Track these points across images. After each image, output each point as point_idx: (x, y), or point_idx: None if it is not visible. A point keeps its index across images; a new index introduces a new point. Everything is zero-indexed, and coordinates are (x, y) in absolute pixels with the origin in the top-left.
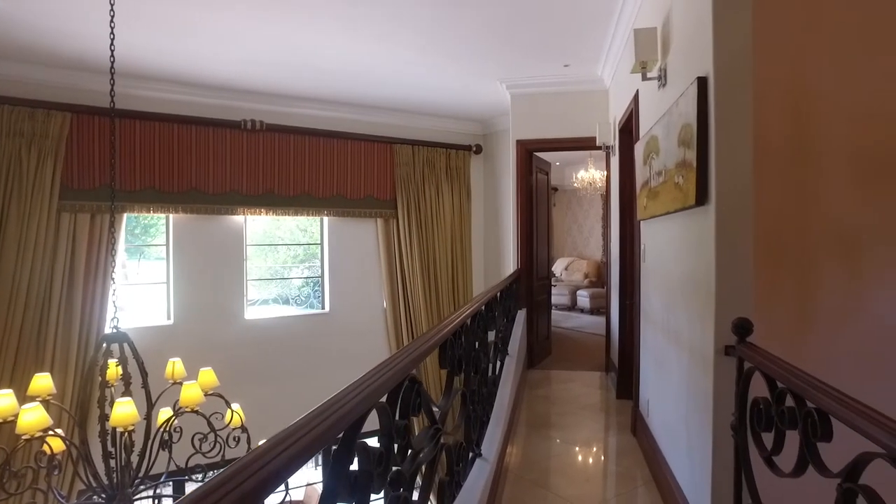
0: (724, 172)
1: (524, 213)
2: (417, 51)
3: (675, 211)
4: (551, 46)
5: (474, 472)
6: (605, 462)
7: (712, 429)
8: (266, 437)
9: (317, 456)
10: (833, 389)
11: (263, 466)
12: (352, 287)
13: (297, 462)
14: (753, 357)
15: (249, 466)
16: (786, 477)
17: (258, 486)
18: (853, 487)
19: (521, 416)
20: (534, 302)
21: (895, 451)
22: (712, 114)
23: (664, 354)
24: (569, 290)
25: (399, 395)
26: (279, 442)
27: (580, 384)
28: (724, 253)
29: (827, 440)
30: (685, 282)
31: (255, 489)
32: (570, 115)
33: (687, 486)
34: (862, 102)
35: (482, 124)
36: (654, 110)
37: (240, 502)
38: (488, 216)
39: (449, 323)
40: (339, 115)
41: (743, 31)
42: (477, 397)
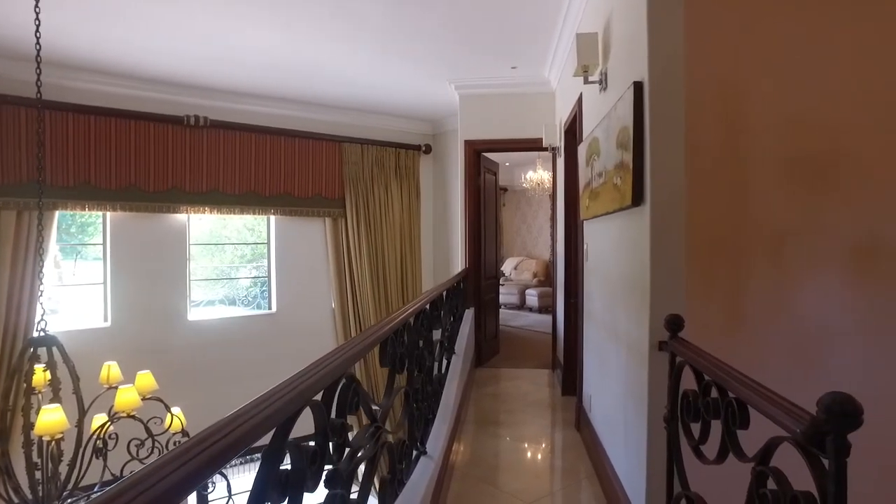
0: (659, 174)
1: (472, 213)
2: (367, 50)
3: (613, 211)
4: (499, 48)
5: (419, 470)
6: (549, 457)
7: (647, 421)
8: None
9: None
10: (750, 380)
11: (179, 468)
12: (300, 287)
13: (217, 463)
14: (684, 352)
15: (163, 469)
16: (710, 464)
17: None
18: (765, 470)
19: (469, 413)
20: (482, 301)
21: (798, 435)
22: (647, 117)
23: (605, 351)
24: (518, 290)
25: (335, 394)
26: (200, 441)
27: (527, 382)
28: (658, 252)
29: (744, 427)
30: (623, 280)
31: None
32: (518, 116)
33: (625, 477)
34: (791, 110)
35: (432, 124)
36: (596, 113)
37: None
38: (438, 216)
39: (389, 321)
40: (287, 112)
41: (676, 40)
42: (421, 395)
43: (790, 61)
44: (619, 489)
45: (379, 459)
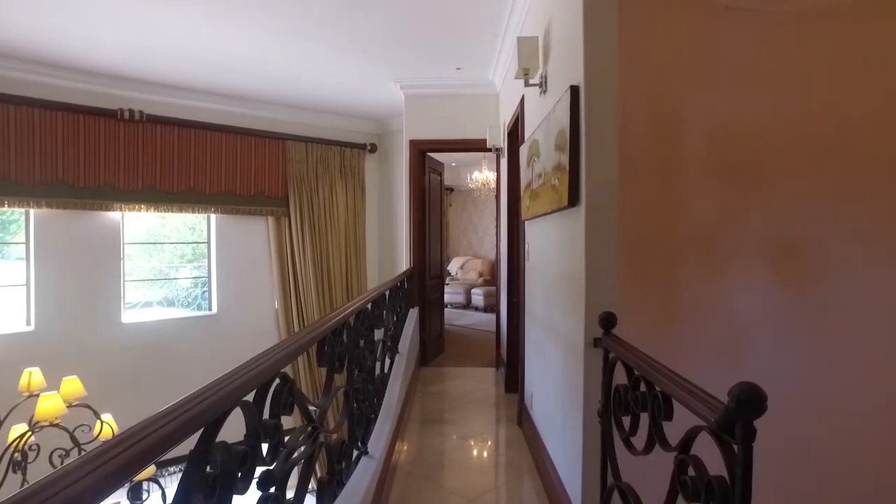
0: (593, 176)
1: (417, 213)
2: (310, 47)
3: (552, 211)
4: (444, 50)
5: (359, 470)
6: (492, 454)
7: (582, 416)
8: None
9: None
10: (673, 374)
11: (90, 473)
12: (242, 287)
13: (131, 468)
14: (616, 348)
15: (71, 474)
16: (639, 454)
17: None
18: (685, 458)
19: (413, 412)
20: (426, 300)
21: (713, 424)
22: (583, 121)
23: (545, 348)
24: (464, 289)
25: (268, 394)
26: (117, 444)
27: (472, 380)
28: (592, 251)
29: (669, 419)
30: (561, 279)
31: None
32: (463, 117)
33: (563, 470)
34: (718, 119)
35: (378, 123)
36: (537, 115)
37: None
38: (383, 215)
39: (327, 321)
40: (229, 108)
41: (611, 47)
42: (362, 395)
43: (718, 73)
44: (557, 483)
45: (316, 460)
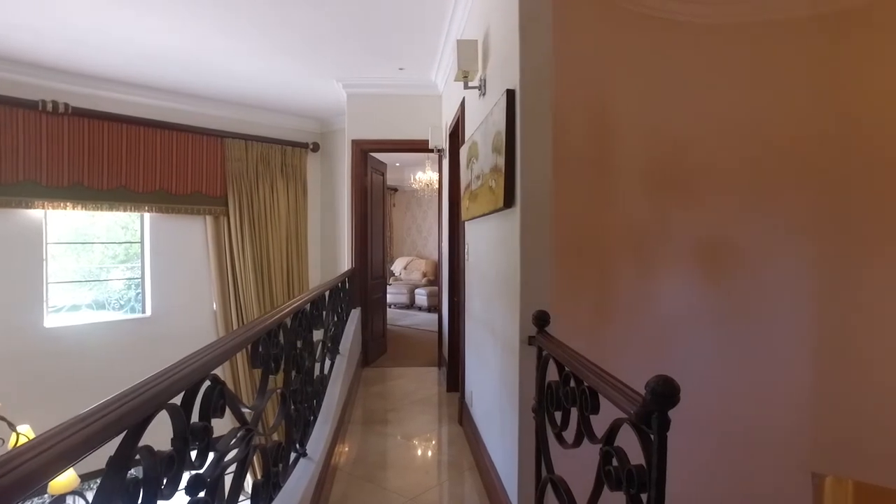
0: (528, 178)
1: (359, 213)
2: (251, 43)
3: (489, 213)
4: (387, 50)
5: (297, 472)
6: (433, 452)
7: (518, 412)
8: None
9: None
10: (599, 370)
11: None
12: (178, 288)
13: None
14: (548, 345)
15: None
16: (570, 448)
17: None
18: (609, 449)
19: (355, 413)
20: (368, 300)
21: (633, 416)
22: (518, 124)
23: (483, 347)
24: (407, 289)
25: (196, 396)
26: (32, 447)
27: (414, 380)
28: (527, 251)
29: (595, 413)
30: (498, 278)
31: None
32: (406, 117)
33: (501, 467)
34: (649, 124)
35: (320, 122)
36: (476, 117)
37: None
38: (326, 215)
39: (262, 322)
40: (164, 103)
41: (545, 53)
42: (300, 396)
43: (650, 81)
44: (496, 479)
45: (250, 463)
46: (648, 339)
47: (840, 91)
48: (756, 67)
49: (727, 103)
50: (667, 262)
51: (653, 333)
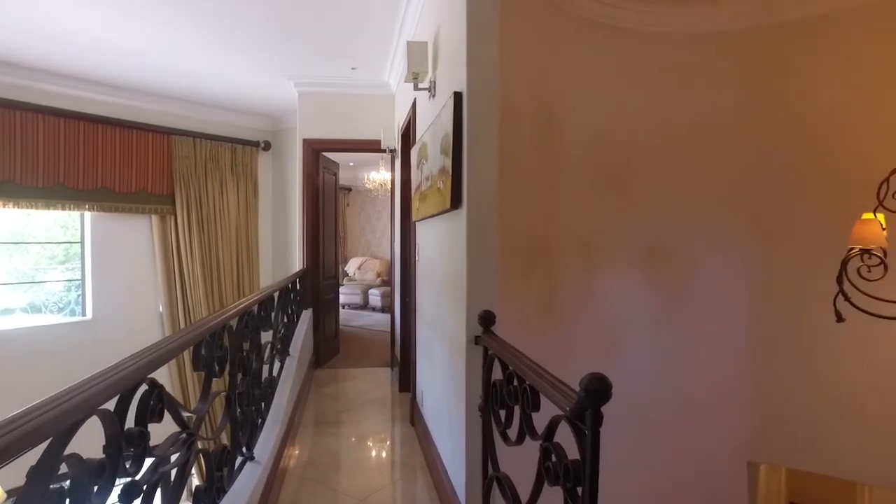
0: (475, 179)
1: (310, 213)
2: (200, 39)
3: (438, 213)
4: (339, 48)
5: (244, 476)
6: (384, 453)
7: (465, 411)
8: None
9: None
10: (539, 368)
11: None
12: (121, 290)
13: None
14: (493, 345)
15: None
16: (513, 445)
17: None
18: (549, 446)
19: (307, 415)
20: (320, 301)
21: (568, 412)
22: (465, 126)
23: (433, 347)
24: (361, 290)
25: (132, 401)
26: None
27: (367, 381)
28: (473, 252)
29: (536, 410)
30: (446, 279)
31: None
32: (358, 117)
33: (450, 465)
34: (595, 128)
35: (272, 120)
36: (426, 119)
37: None
38: (277, 215)
39: (205, 323)
40: (105, 98)
41: (492, 56)
42: (247, 399)
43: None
44: (445, 477)
45: (191, 468)
46: (595, 336)
47: (768, 100)
48: (694, 75)
49: (668, 109)
50: (611, 261)
51: (599, 330)
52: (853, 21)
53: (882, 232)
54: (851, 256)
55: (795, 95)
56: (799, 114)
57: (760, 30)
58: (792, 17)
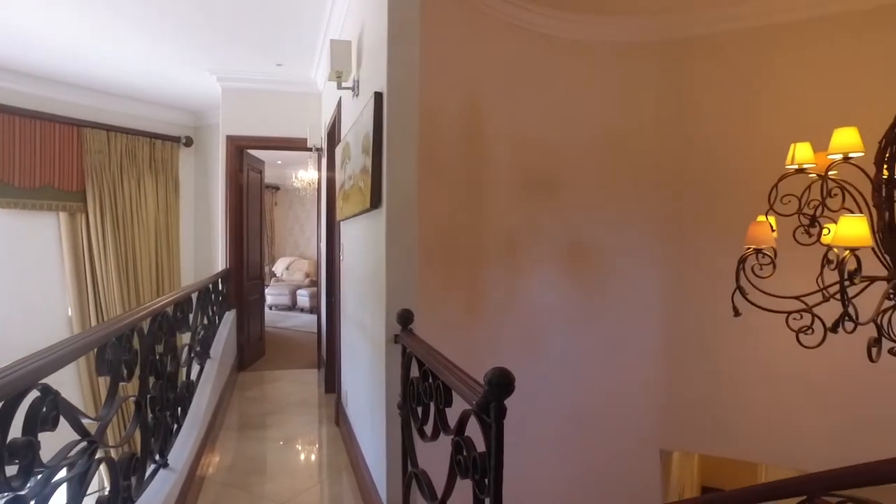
0: (394, 179)
1: (234, 212)
2: (114, 25)
3: (360, 213)
4: (264, 43)
5: (156, 485)
6: (310, 455)
7: (386, 409)
8: None
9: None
10: (451, 365)
11: None
12: (22, 292)
13: None
14: (411, 343)
15: None
16: (429, 441)
17: None
18: (459, 440)
19: (229, 419)
20: (245, 302)
21: (475, 406)
22: (385, 126)
23: (356, 346)
24: (289, 290)
25: (17, 408)
26: None
27: (293, 382)
28: (393, 251)
29: (449, 406)
30: (368, 278)
31: None
32: (284, 115)
33: (372, 464)
34: (521, 129)
35: (194, 115)
36: (350, 118)
37: None
38: (200, 214)
39: (110, 326)
40: (4, 84)
41: (412, 57)
42: (161, 404)
43: (521, 91)
44: (368, 477)
45: (92, 478)
46: (519, 333)
47: (680, 111)
48: (613, 83)
49: (589, 114)
50: (535, 260)
51: (523, 327)
52: (754, 41)
53: (772, 233)
54: (747, 256)
55: (704, 107)
56: (707, 124)
57: (673, 43)
58: (700, 32)
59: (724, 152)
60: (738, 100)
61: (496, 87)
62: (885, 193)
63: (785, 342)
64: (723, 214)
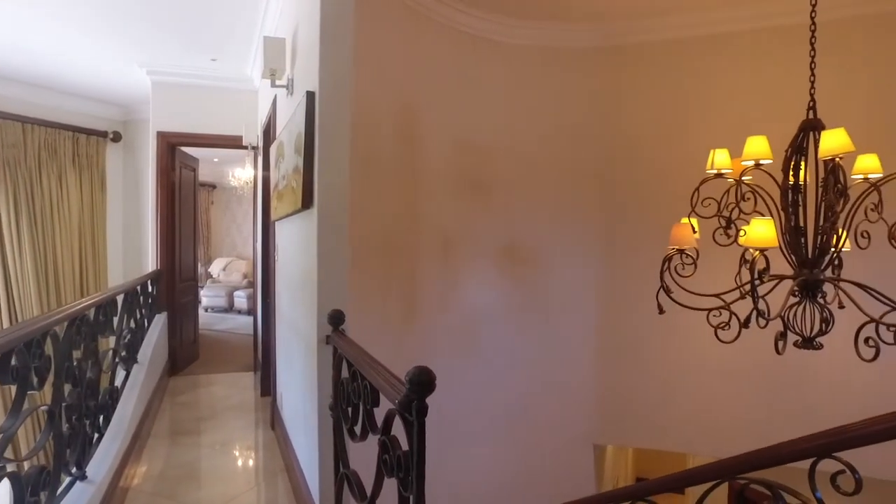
0: (326, 179)
1: (165, 211)
2: (32, 8)
3: (293, 213)
4: (197, 37)
5: (71, 498)
6: (244, 460)
7: (318, 410)
8: None
9: None
10: (376, 364)
11: None
12: None
13: None
14: (341, 344)
15: None
16: (359, 441)
17: None
18: (385, 439)
19: (159, 426)
20: (177, 304)
21: (398, 405)
22: (317, 126)
23: (291, 348)
24: (226, 292)
25: None
26: None
27: (228, 386)
28: (325, 252)
29: (377, 406)
30: (301, 279)
31: None
32: (219, 111)
33: (306, 467)
34: (457, 131)
35: (123, 109)
36: (284, 117)
37: None
38: (130, 213)
39: (16, 330)
40: None
41: (345, 57)
42: (79, 412)
43: (458, 93)
44: (302, 480)
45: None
46: (456, 333)
47: (611, 116)
48: (549, 87)
49: (524, 117)
50: (471, 260)
51: (460, 327)
52: (680, 52)
53: (694, 234)
54: (671, 256)
55: (633, 112)
56: (636, 129)
57: (604, 50)
58: (631, 41)
59: (651, 156)
60: (666, 106)
61: (433, 88)
62: (791, 198)
63: (707, 338)
64: (651, 215)
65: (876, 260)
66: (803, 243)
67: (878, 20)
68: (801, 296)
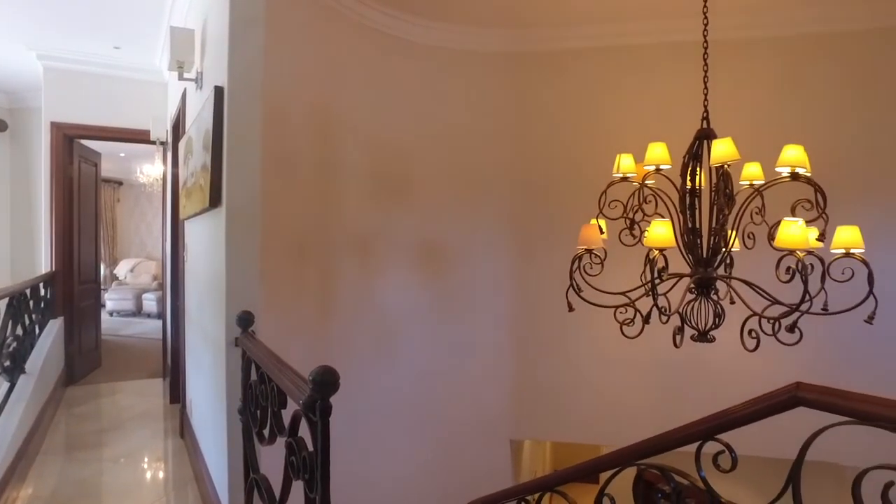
0: (234, 178)
1: (61, 208)
2: None
3: (201, 212)
4: (97, 21)
5: None
6: (150, 471)
7: (226, 415)
8: None
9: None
10: (282, 366)
11: None
12: None
13: None
14: (250, 346)
15: None
16: (268, 444)
17: None
18: (292, 441)
19: (52, 441)
20: (76, 309)
21: (302, 406)
22: (226, 122)
23: (199, 352)
24: (134, 294)
25: None
26: None
27: (133, 394)
28: (233, 252)
29: (284, 407)
30: (210, 280)
31: None
32: (124, 103)
33: (215, 474)
34: (376, 131)
35: (8, 96)
36: (194, 111)
37: None
38: (19, 210)
39: None
40: None
41: (256, 53)
42: None
43: (375, 91)
44: (211, 488)
45: None
46: (374, 334)
47: (528, 119)
48: (466, 89)
49: (440, 118)
50: (389, 260)
51: (378, 328)
52: (586, 61)
53: (601, 235)
54: (580, 255)
55: (547, 116)
56: (550, 132)
57: (520, 55)
58: (540, 48)
59: (564, 158)
60: (576, 112)
61: (349, 86)
62: (688, 201)
63: (615, 333)
64: (563, 216)
65: (759, 259)
66: (699, 244)
67: (766, 43)
68: (697, 293)
